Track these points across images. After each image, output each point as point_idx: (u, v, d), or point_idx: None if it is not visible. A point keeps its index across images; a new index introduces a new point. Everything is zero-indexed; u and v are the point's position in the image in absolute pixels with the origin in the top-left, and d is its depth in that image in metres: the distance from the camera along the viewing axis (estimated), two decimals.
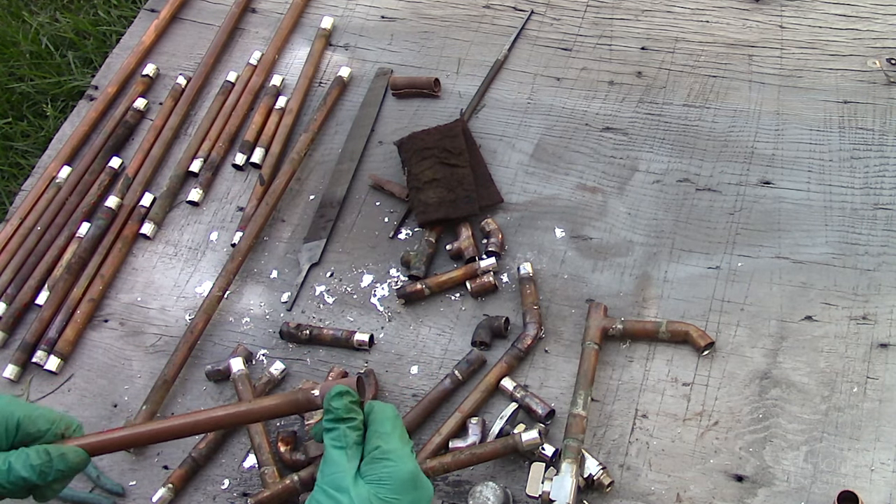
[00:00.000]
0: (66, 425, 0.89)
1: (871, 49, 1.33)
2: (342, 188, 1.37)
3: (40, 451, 0.86)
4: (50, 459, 0.85)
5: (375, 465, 0.83)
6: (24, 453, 0.85)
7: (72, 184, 1.45)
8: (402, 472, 0.82)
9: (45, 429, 0.87)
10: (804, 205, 1.23)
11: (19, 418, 0.86)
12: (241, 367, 1.22)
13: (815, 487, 1.05)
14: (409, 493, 0.82)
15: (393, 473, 0.82)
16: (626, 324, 1.16)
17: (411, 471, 0.83)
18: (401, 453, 0.84)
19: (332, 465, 0.83)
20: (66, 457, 0.86)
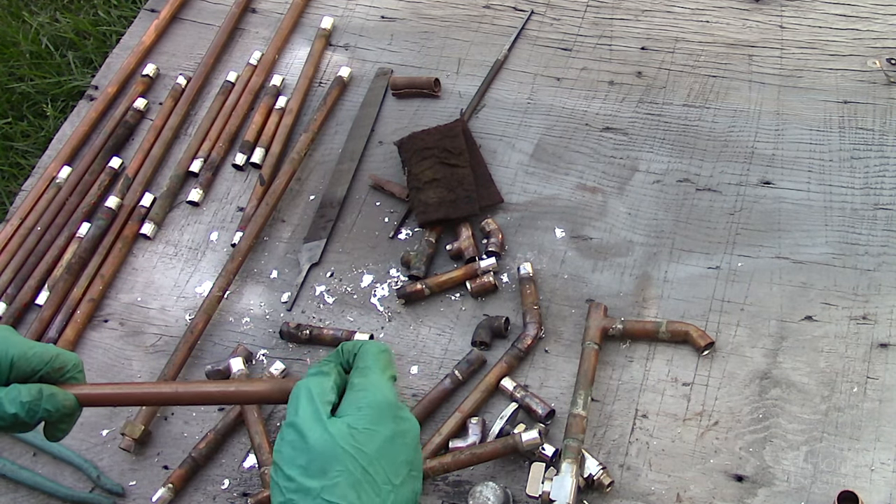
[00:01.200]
0: (62, 364, 0.88)
1: (871, 49, 1.33)
2: (342, 188, 1.37)
3: (32, 389, 0.85)
4: (40, 398, 0.85)
5: (351, 397, 0.77)
6: (15, 389, 0.84)
7: (72, 184, 1.45)
8: (378, 401, 0.76)
9: (39, 367, 0.86)
10: (804, 205, 1.23)
11: (13, 356, 0.85)
12: (241, 367, 1.22)
13: (815, 487, 1.05)
14: (387, 423, 0.75)
15: (369, 402, 0.75)
16: (626, 324, 1.16)
17: (387, 400, 0.76)
18: (378, 383, 0.77)
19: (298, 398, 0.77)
20: (55, 397, 0.86)
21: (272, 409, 1.22)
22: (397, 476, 0.75)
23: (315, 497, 0.71)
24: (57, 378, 0.88)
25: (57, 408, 0.86)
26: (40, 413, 0.85)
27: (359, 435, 0.74)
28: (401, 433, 0.76)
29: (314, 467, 0.72)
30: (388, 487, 0.74)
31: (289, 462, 0.74)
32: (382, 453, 0.74)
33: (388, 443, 0.75)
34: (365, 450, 0.73)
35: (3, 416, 0.84)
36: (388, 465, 0.74)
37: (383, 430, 0.75)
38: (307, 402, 0.76)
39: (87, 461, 1.22)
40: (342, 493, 0.71)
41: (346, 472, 0.72)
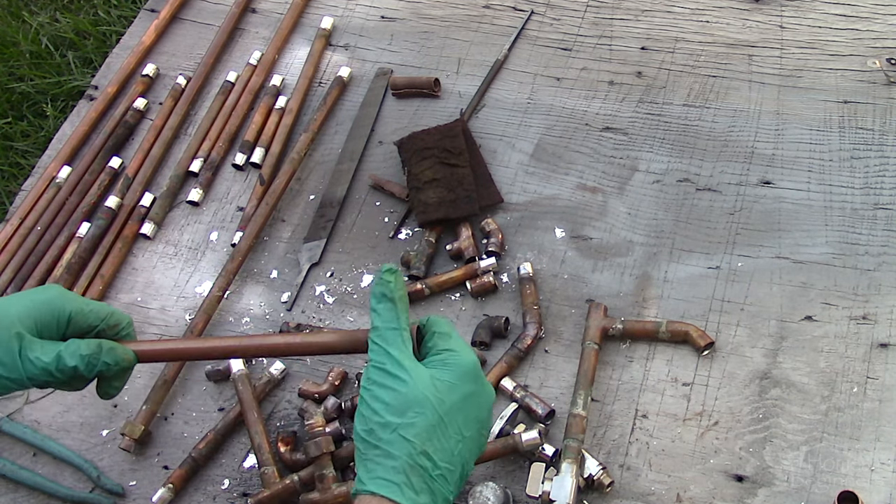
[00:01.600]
0: (117, 321, 0.91)
1: (871, 49, 1.33)
2: (342, 188, 1.37)
3: (91, 343, 0.88)
4: (100, 351, 0.87)
5: (436, 355, 0.81)
6: (75, 343, 0.87)
7: (72, 184, 1.45)
8: (466, 361, 0.80)
9: (96, 324, 0.89)
10: (804, 205, 1.23)
11: (71, 312, 0.88)
12: (241, 367, 1.22)
13: (815, 487, 1.05)
14: (470, 382, 0.80)
15: (457, 360, 0.80)
16: (626, 324, 1.16)
17: (472, 362, 0.81)
18: (464, 346, 0.82)
19: (385, 345, 0.80)
20: (114, 351, 0.89)
21: (272, 409, 1.22)
22: (468, 430, 0.80)
23: (392, 431, 0.77)
24: (112, 335, 0.90)
25: (116, 361, 0.89)
26: (99, 366, 0.87)
27: (441, 385, 0.78)
28: (477, 394, 0.81)
29: (396, 405, 0.77)
30: (457, 437, 0.79)
31: (374, 397, 0.78)
32: (459, 407, 0.79)
33: (465, 399, 0.79)
34: (444, 399, 0.78)
35: (63, 368, 0.86)
36: (462, 418, 0.79)
37: (463, 388, 0.79)
38: (396, 346, 0.80)
39: (87, 461, 1.22)
40: (416, 432, 0.76)
41: (423, 416, 0.77)
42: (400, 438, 0.76)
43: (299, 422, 1.20)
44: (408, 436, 0.76)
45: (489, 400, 0.83)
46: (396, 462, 0.76)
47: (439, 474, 0.77)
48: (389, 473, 0.75)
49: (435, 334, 0.83)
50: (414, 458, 0.76)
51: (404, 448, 0.76)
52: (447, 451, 0.78)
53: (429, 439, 0.77)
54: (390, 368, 0.79)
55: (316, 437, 1.12)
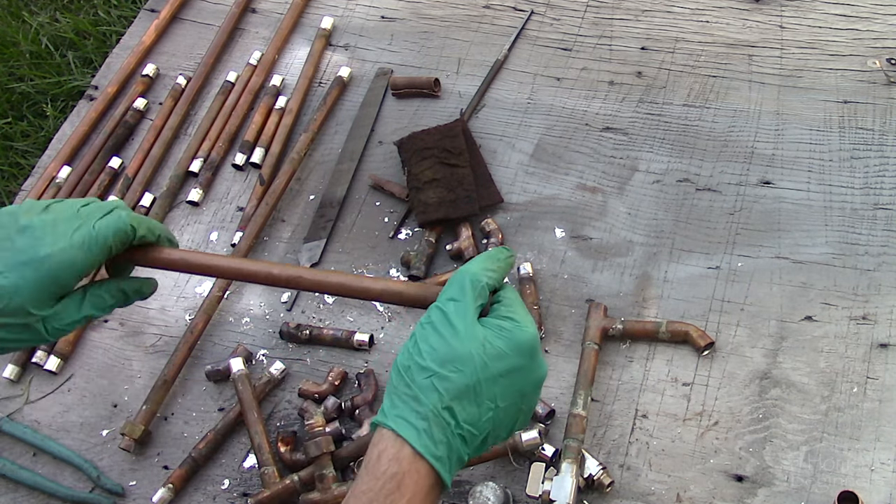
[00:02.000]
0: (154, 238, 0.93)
1: (871, 49, 1.33)
2: (342, 188, 1.37)
3: (113, 291, 0.90)
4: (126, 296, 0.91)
5: (499, 319, 0.79)
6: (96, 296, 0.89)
7: (72, 184, 1.45)
8: (525, 334, 0.78)
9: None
10: (804, 205, 1.23)
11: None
12: (241, 367, 1.22)
13: (815, 487, 1.05)
14: (524, 356, 0.78)
15: (514, 331, 0.78)
16: (626, 324, 1.16)
17: (534, 336, 0.79)
18: (527, 319, 0.80)
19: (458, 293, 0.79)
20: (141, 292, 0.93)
21: (272, 409, 1.22)
22: (504, 400, 0.78)
23: (427, 377, 0.75)
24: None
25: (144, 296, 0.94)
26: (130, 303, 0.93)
27: (490, 349, 0.76)
28: (527, 369, 0.79)
29: (440, 353, 0.76)
30: (490, 405, 0.77)
31: (423, 338, 0.78)
32: (502, 376, 0.77)
33: (511, 371, 0.77)
34: (489, 365, 0.76)
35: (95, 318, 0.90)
36: (501, 388, 0.77)
37: (513, 359, 0.77)
38: (464, 295, 0.79)
39: (87, 461, 1.22)
40: (448, 387, 0.75)
41: (462, 374, 0.75)
42: (431, 387, 0.75)
43: (299, 422, 1.20)
44: (440, 387, 0.75)
45: (539, 377, 0.80)
46: (422, 408, 0.74)
47: (460, 433, 0.75)
48: (413, 416, 0.75)
49: (502, 302, 0.81)
50: (438, 411, 0.74)
51: (433, 397, 0.75)
52: (473, 415, 0.76)
53: (458, 398, 0.75)
54: (451, 316, 0.77)
55: (316, 437, 1.12)
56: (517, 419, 0.80)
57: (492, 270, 0.81)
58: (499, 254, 0.83)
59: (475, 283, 0.79)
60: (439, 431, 0.74)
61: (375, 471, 0.74)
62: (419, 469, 0.74)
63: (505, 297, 0.82)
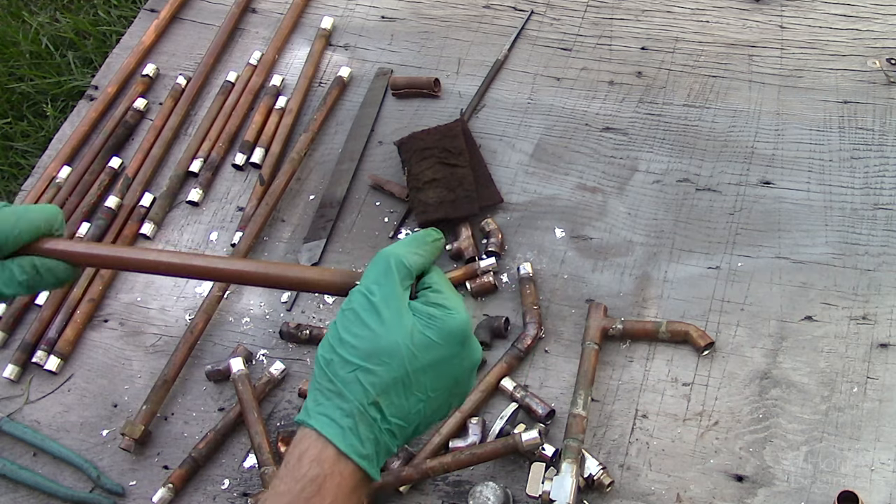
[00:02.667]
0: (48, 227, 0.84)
1: (871, 49, 1.33)
2: (342, 188, 1.37)
3: (25, 267, 0.83)
4: (37, 275, 0.83)
5: (428, 307, 0.74)
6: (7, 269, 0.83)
7: (72, 184, 1.45)
8: (455, 321, 0.73)
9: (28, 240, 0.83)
10: (804, 205, 1.23)
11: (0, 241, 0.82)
12: (241, 367, 1.22)
13: (815, 487, 1.05)
14: (455, 345, 0.74)
15: (445, 319, 0.73)
16: (626, 324, 1.16)
17: (464, 322, 0.74)
18: (457, 304, 0.75)
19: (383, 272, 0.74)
20: (54, 272, 0.84)
21: (272, 409, 1.22)
22: (435, 389, 0.74)
23: (351, 371, 0.71)
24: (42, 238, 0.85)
25: (58, 280, 0.85)
26: (42, 287, 0.84)
27: (419, 339, 0.72)
28: (459, 356, 0.75)
29: (363, 347, 0.72)
30: (420, 396, 0.73)
31: (345, 327, 0.73)
32: (433, 366, 0.73)
33: (443, 360, 0.74)
34: (418, 356, 0.72)
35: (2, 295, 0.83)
36: (431, 378, 0.73)
37: (444, 349, 0.73)
38: (389, 279, 0.74)
39: (87, 461, 1.22)
40: (375, 381, 0.71)
41: (388, 367, 0.71)
42: (356, 381, 0.71)
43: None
44: (365, 382, 0.70)
45: (472, 363, 0.76)
46: (347, 405, 0.70)
47: (388, 428, 0.72)
48: (337, 414, 0.70)
49: (431, 284, 0.76)
50: (364, 407, 0.70)
51: (358, 393, 0.70)
52: (402, 408, 0.72)
53: (385, 392, 0.71)
54: (376, 302, 0.72)
55: None
56: (451, 403, 0.77)
57: (418, 253, 0.76)
58: (426, 236, 0.78)
59: (400, 265, 0.74)
60: (366, 428, 0.71)
61: (296, 473, 0.70)
62: (342, 471, 0.70)
63: (432, 281, 0.77)
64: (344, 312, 0.74)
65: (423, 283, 0.77)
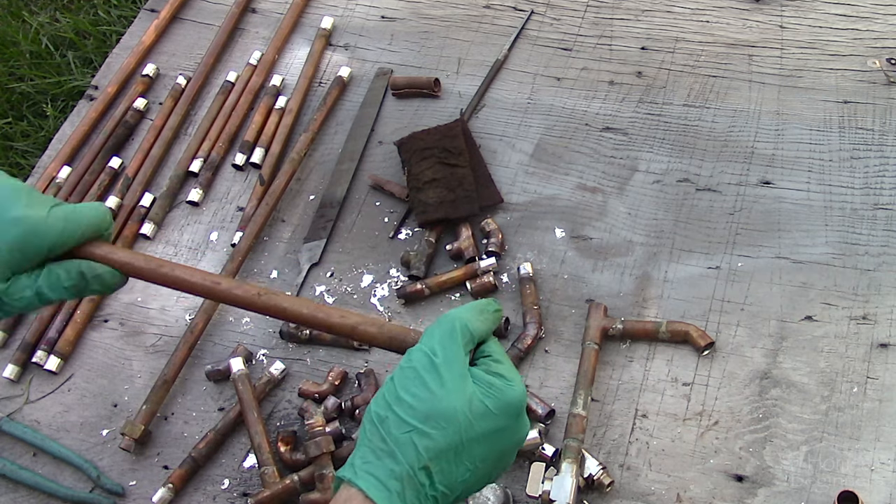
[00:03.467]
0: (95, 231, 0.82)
1: (871, 49, 1.33)
2: (342, 188, 1.37)
3: (72, 272, 0.81)
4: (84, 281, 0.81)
5: (488, 375, 0.74)
6: (54, 274, 0.80)
7: (72, 184, 1.45)
8: (514, 394, 0.73)
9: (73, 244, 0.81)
10: (804, 205, 1.23)
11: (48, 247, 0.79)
12: (241, 367, 1.22)
13: (815, 487, 1.05)
14: (510, 417, 0.73)
15: (504, 390, 0.73)
16: (626, 324, 1.16)
17: (522, 395, 0.74)
18: (516, 377, 0.75)
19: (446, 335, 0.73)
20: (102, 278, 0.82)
21: (272, 409, 1.22)
22: (484, 461, 0.73)
23: (406, 432, 0.70)
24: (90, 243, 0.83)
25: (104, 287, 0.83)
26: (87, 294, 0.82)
27: (477, 407, 0.71)
28: (512, 430, 0.74)
29: (422, 407, 0.70)
30: (469, 466, 0.72)
31: (404, 386, 0.72)
32: (487, 437, 0.72)
33: (496, 432, 0.73)
34: (474, 424, 0.71)
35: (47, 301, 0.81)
36: (484, 448, 0.73)
37: (500, 420, 0.73)
38: (454, 342, 0.73)
39: (87, 461, 1.22)
40: (429, 445, 0.70)
41: (444, 432, 0.70)
42: (410, 443, 0.69)
43: (299, 422, 1.20)
44: (419, 445, 0.69)
45: (521, 437, 0.76)
46: (398, 467, 0.69)
47: (433, 495, 0.70)
48: (386, 476, 0.69)
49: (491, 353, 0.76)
50: (415, 471, 0.69)
51: (410, 455, 0.69)
52: (451, 476, 0.71)
53: (438, 458, 0.70)
54: (438, 361, 0.72)
55: (316, 437, 1.12)
56: (492, 476, 0.76)
57: (481, 320, 0.76)
58: (488, 305, 0.78)
59: (465, 329, 0.74)
60: (412, 494, 0.69)
61: None
62: None
63: (492, 350, 0.76)
64: (403, 370, 0.73)
65: (481, 352, 0.77)
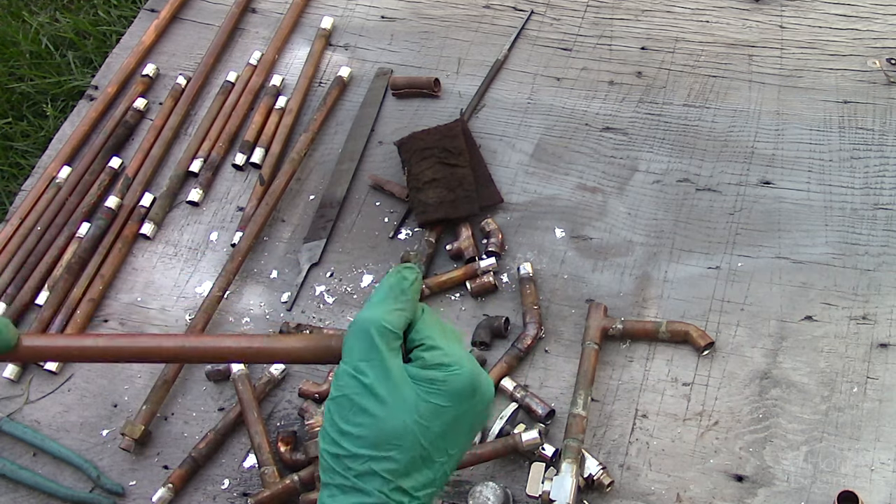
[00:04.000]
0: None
1: (871, 49, 1.33)
2: (342, 188, 1.37)
3: None
4: None
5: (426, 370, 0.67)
6: None
7: (72, 184, 1.45)
8: (461, 379, 0.67)
9: None
10: (804, 205, 1.23)
11: None
12: (241, 367, 1.22)
13: (815, 487, 1.05)
14: (465, 400, 0.67)
15: (448, 380, 0.66)
16: (626, 324, 1.16)
17: (470, 375, 0.67)
18: (456, 354, 0.67)
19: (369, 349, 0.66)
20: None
21: (272, 409, 1.22)
22: (456, 446, 0.68)
23: (364, 463, 0.65)
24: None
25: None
26: None
27: (426, 409, 0.66)
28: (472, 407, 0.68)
29: (370, 436, 0.65)
30: (443, 460, 0.68)
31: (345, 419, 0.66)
32: (448, 429, 0.67)
33: (456, 419, 0.67)
34: (430, 427, 0.66)
35: None
36: (451, 439, 0.68)
37: (456, 409, 0.67)
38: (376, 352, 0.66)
39: (87, 461, 1.22)
40: (392, 468, 0.65)
41: (402, 450, 0.65)
42: (372, 473, 0.65)
43: (299, 422, 1.20)
44: (382, 472, 0.65)
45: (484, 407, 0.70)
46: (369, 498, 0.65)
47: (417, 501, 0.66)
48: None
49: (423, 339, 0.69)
50: (387, 496, 0.65)
51: (377, 483, 0.65)
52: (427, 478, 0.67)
53: (405, 475, 0.65)
54: (368, 381, 0.66)
55: (316, 437, 1.12)
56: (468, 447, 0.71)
57: (398, 308, 0.68)
58: (401, 282, 0.69)
59: (383, 332, 0.67)
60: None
61: None
62: None
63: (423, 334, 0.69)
64: (337, 401, 0.67)
65: (412, 340, 0.69)
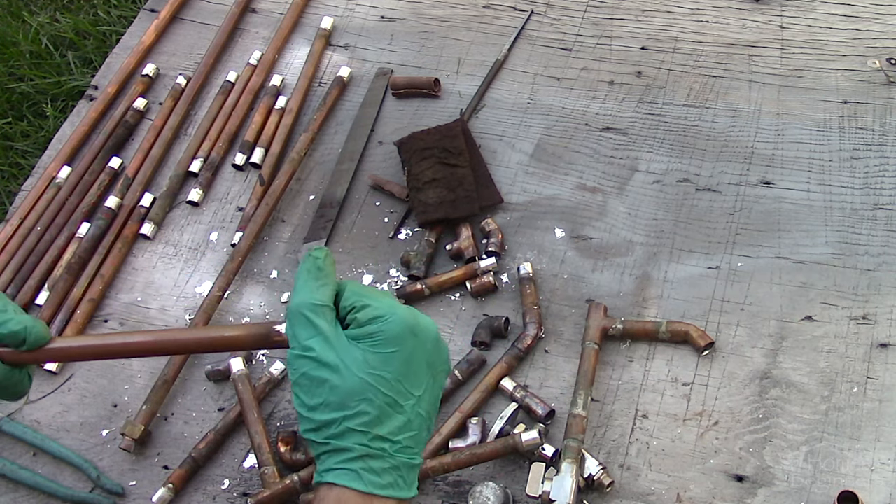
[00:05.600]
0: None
1: (871, 49, 1.33)
2: (342, 188, 1.37)
3: None
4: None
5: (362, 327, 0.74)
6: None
7: (72, 184, 1.45)
8: (395, 325, 0.73)
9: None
10: (804, 205, 1.23)
11: None
12: (241, 367, 1.22)
13: (815, 487, 1.05)
14: (407, 341, 0.73)
15: (384, 329, 0.73)
16: (626, 324, 1.16)
17: (403, 318, 0.74)
18: (385, 305, 0.74)
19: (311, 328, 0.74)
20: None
21: (272, 409, 1.22)
22: (419, 387, 0.74)
23: (338, 426, 0.72)
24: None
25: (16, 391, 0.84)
26: None
27: (375, 360, 0.72)
28: (417, 345, 0.74)
29: (334, 401, 0.72)
30: (410, 402, 0.74)
31: (309, 394, 0.73)
32: (401, 372, 0.73)
33: (407, 360, 0.74)
34: (383, 375, 0.72)
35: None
36: (407, 380, 0.73)
37: (403, 352, 0.73)
38: (316, 328, 0.74)
39: (87, 461, 1.22)
40: (364, 421, 0.72)
41: (368, 401, 0.72)
42: (348, 430, 0.72)
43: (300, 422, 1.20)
44: (356, 426, 0.71)
45: (432, 339, 0.75)
46: (351, 453, 0.72)
47: (400, 447, 0.73)
48: (345, 463, 0.72)
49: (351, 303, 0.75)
50: (368, 446, 0.71)
51: (356, 438, 0.72)
52: (402, 422, 0.73)
53: (380, 423, 0.72)
54: (318, 354, 0.73)
55: None
56: (439, 388, 0.77)
57: (321, 285, 0.76)
58: (314, 261, 0.77)
59: (316, 310, 0.74)
60: (378, 462, 0.72)
61: None
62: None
63: (350, 301, 0.76)
64: (297, 383, 0.74)
65: (344, 307, 0.76)
